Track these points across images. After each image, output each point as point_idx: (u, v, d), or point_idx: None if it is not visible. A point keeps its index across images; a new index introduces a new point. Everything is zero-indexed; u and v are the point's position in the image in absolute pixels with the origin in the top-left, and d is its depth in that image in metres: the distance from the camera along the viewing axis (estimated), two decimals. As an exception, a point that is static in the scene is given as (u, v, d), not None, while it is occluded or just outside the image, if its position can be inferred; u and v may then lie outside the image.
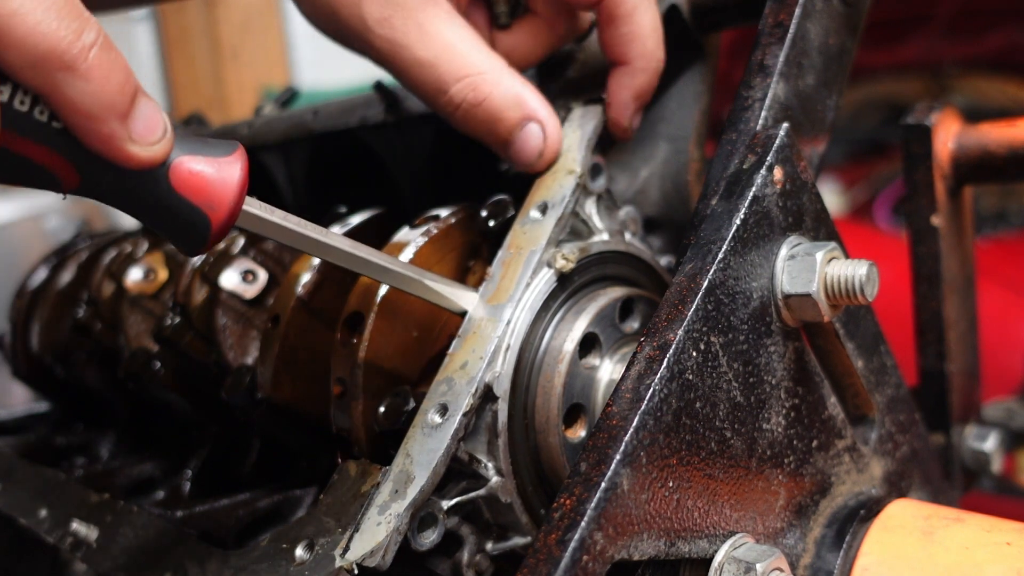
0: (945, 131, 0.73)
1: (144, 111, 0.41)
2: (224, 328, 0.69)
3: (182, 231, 0.44)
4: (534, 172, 0.60)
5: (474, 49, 0.58)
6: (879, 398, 0.61)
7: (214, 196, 0.43)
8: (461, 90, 0.57)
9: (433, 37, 0.57)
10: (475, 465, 0.52)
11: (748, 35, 0.61)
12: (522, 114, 0.58)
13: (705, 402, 0.47)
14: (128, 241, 0.90)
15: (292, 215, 0.49)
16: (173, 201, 0.43)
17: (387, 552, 0.47)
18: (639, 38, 0.59)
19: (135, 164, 0.41)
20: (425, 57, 0.57)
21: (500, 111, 0.58)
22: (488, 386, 0.52)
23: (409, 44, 0.57)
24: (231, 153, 0.45)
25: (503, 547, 0.55)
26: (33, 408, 1.04)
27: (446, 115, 0.59)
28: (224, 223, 0.44)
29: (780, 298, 0.51)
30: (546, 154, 0.59)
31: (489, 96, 0.57)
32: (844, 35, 0.63)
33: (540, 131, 0.59)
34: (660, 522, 0.44)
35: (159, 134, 0.42)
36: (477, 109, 0.57)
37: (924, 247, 0.73)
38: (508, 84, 0.58)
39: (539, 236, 0.56)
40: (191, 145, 0.44)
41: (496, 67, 0.58)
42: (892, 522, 0.54)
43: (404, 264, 0.54)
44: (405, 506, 0.47)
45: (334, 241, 0.51)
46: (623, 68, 0.60)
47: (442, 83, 0.57)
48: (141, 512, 0.62)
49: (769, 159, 0.52)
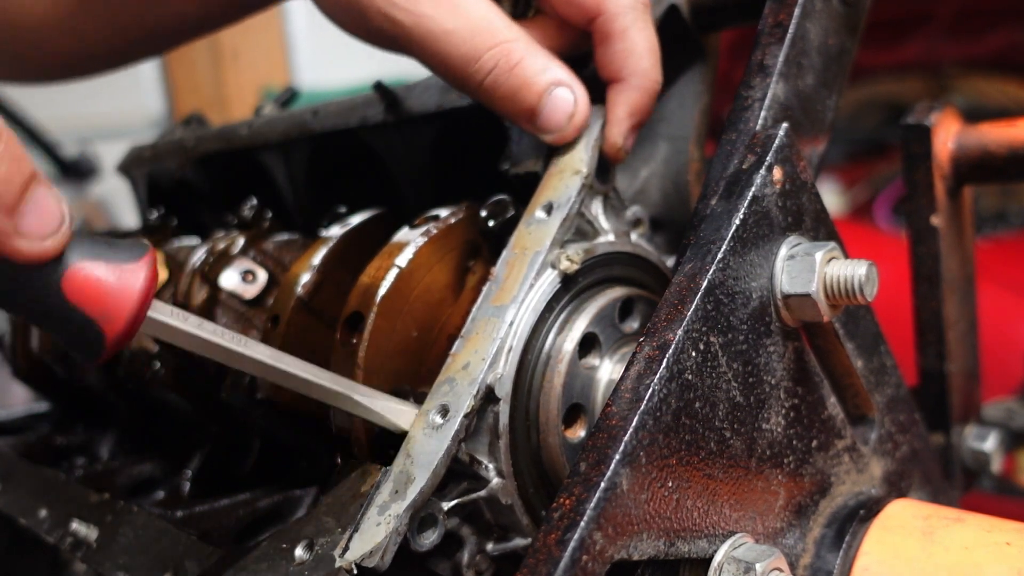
0: (945, 131, 0.73)
1: (38, 202, 0.38)
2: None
3: (74, 340, 0.41)
4: (562, 141, 0.60)
5: (501, 20, 0.58)
6: (879, 398, 0.61)
7: (110, 307, 0.40)
8: (494, 56, 0.57)
9: (462, 8, 0.57)
10: (476, 466, 0.52)
11: (748, 35, 0.61)
12: (552, 78, 0.58)
13: (705, 402, 0.47)
14: (128, 241, 0.90)
15: (208, 322, 0.47)
16: (64, 309, 0.40)
17: (386, 552, 0.46)
18: (634, 55, 0.59)
19: (21, 259, 0.38)
20: (456, 27, 0.57)
21: (532, 76, 0.58)
22: (490, 387, 0.52)
23: (438, 15, 0.57)
24: (138, 259, 0.42)
25: (504, 548, 0.55)
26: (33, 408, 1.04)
27: (471, 87, 0.59)
28: (120, 337, 0.41)
29: (780, 298, 0.51)
30: (576, 118, 0.59)
31: (521, 61, 0.57)
32: (844, 35, 0.63)
33: (570, 94, 0.59)
34: (660, 522, 0.44)
35: (52, 228, 0.39)
36: (509, 75, 0.58)
37: (924, 247, 0.73)
38: (536, 51, 0.58)
39: (544, 237, 0.56)
40: (93, 248, 0.41)
41: (524, 36, 0.59)
42: (892, 522, 0.54)
43: (332, 376, 0.51)
44: (405, 507, 0.47)
45: (253, 352, 0.48)
46: (619, 85, 0.60)
47: (475, 51, 0.57)
48: (141, 512, 0.62)
49: (769, 159, 0.52)
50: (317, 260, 0.63)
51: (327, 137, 0.81)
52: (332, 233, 0.66)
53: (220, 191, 0.96)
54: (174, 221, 0.93)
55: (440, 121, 0.72)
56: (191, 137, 0.98)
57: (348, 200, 0.75)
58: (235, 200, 0.82)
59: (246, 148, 0.89)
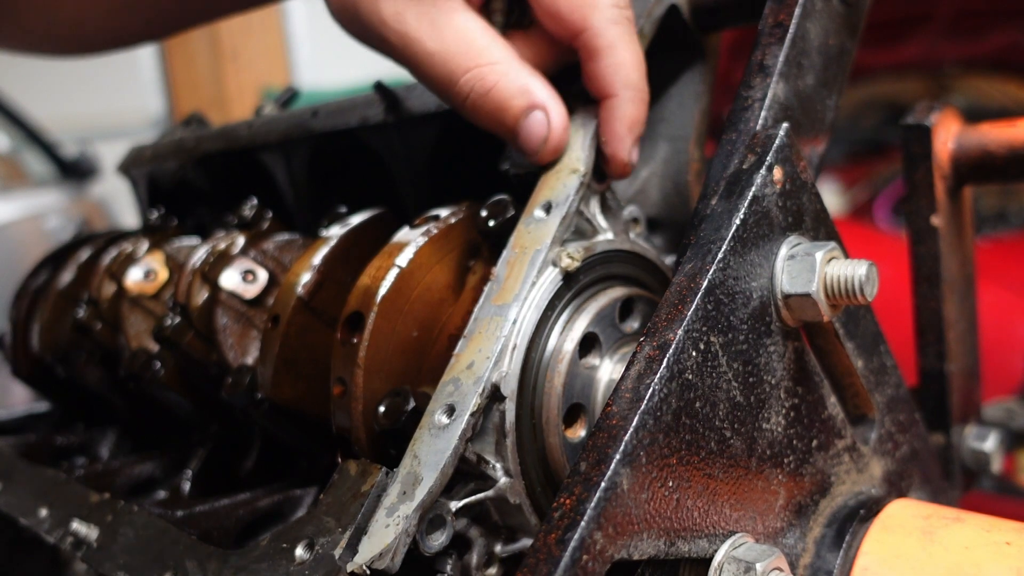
0: (945, 131, 0.73)
1: None
2: (224, 328, 0.69)
3: None
4: (540, 163, 0.60)
5: (484, 41, 0.58)
6: (879, 398, 0.61)
7: None
8: (468, 80, 0.57)
9: (443, 30, 0.57)
10: (483, 466, 0.52)
11: (748, 35, 0.61)
12: (527, 102, 0.58)
13: (705, 402, 0.47)
14: (128, 241, 0.90)
15: None
16: None
17: (396, 554, 0.46)
18: (622, 68, 0.59)
19: None
20: (435, 49, 0.57)
21: (506, 100, 0.58)
22: (495, 386, 0.51)
23: (420, 37, 0.57)
24: None
25: (512, 549, 0.55)
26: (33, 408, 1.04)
27: (456, 107, 0.60)
28: None
29: (780, 298, 0.51)
30: (551, 142, 0.59)
31: (495, 85, 0.57)
32: (844, 35, 0.63)
33: (544, 118, 0.59)
34: (660, 522, 0.44)
35: None
36: (484, 99, 0.58)
37: (924, 247, 0.73)
38: (515, 74, 0.58)
39: (544, 235, 0.56)
40: None
41: (505, 58, 0.58)
42: (892, 522, 0.54)
43: None
44: (413, 508, 0.47)
45: None
46: (612, 101, 0.60)
47: (452, 74, 0.58)
48: (141, 512, 0.62)
49: (769, 159, 0.52)
50: (317, 260, 0.63)
51: (327, 137, 0.81)
52: (332, 233, 0.66)
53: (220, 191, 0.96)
54: (174, 221, 0.93)
55: (440, 121, 0.72)
56: (191, 137, 0.98)
57: (348, 200, 0.75)
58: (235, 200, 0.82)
59: (246, 148, 0.89)
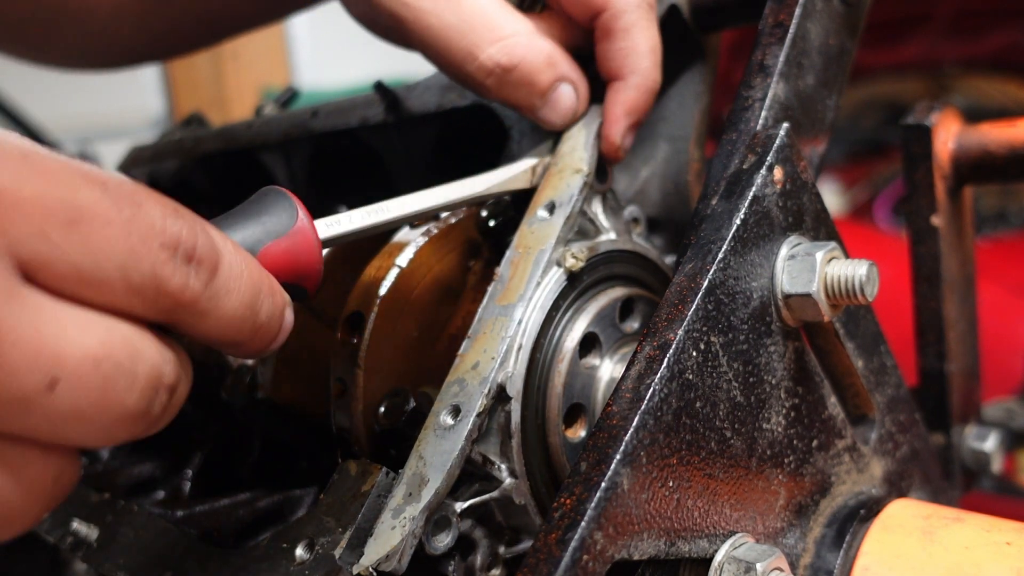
0: (945, 131, 0.73)
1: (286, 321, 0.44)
2: (224, 328, 0.69)
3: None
4: (558, 129, 0.61)
5: (505, 14, 0.58)
6: (879, 398, 0.61)
7: (302, 270, 0.46)
8: (494, 55, 0.57)
9: (461, 3, 0.57)
10: (488, 467, 0.52)
11: (748, 35, 0.61)
12: (556, 75, 0.58)
13: (705, 402, 0.47)
14: (128, 241, 0.90)
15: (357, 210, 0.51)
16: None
17: (403, 556, 0.46)
18: (635, 54, 0.59)
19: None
20: (456, 22, 0.57)
21: (534, 73, 0.58)
22: (501, 386, 0.51)
23: (439, 11, 0.57)
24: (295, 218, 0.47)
25: (516, 550, 0.55)
26: (33, 408, 1.04)
27: (475, 83, 0.59)
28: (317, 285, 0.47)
29: (780, 298, 0.51)
30: (577, 114, 0.60)
31: (523, 59, 0.57)
32: (844, 35, 0.63)
33: (573, 91, 0.59)
34: (660, 522, 0.44)
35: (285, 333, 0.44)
36: (511, 73, 0.58)
37: (924, 247, 0.73)
38: (540, 46, 0.58)
39: (548, 235, 0.56)
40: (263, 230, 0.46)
41: (527, 30, 0.58)
42: (892, 522, 0.54)
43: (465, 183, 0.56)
44: (420, 509, 0.47)
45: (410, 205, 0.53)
46: (618, 84, 0.60)
47: (475, 47, 0.57)
48: (141, 512, 0.62)
49: (769, 159, 0.52)
50: (317, 260, 0.63)
51: (327, 137, 0.81)
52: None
53: (220, 191, 0.96)
54: (174, 221, 0.92)
55: (440, 121, 0.72)
56: (191, 137, 0.98)
57: (348, 200, 0.75)
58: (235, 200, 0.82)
59: (246, 148, 0.89)
